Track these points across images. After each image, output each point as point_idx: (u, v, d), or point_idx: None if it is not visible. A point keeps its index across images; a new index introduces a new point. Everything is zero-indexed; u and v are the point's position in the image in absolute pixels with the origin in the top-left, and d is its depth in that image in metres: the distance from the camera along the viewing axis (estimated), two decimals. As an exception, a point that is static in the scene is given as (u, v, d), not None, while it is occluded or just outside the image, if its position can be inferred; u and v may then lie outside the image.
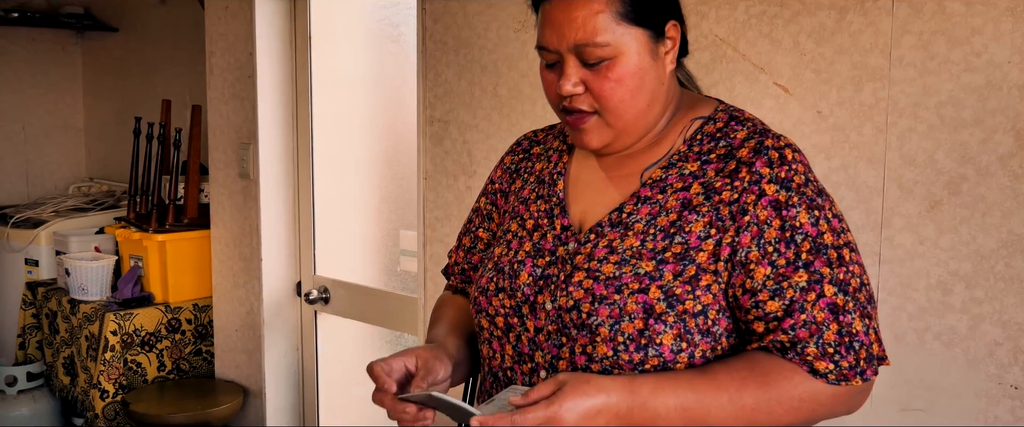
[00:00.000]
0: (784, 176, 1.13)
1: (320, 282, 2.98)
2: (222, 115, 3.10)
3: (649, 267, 1.14)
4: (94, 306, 3.16)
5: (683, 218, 1.16)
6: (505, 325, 1.25)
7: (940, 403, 1.59)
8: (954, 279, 1.56)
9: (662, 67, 1.19)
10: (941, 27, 1.53)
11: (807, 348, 1.10)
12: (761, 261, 1.11)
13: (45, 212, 3.86)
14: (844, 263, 1.12)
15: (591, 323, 1.14)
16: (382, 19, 2.77)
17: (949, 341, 1.57)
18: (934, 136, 1.56)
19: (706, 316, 1.14)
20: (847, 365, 1.10)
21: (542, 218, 1.27)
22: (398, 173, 2.77)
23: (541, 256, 1.24)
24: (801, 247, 1.11)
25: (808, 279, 1.10)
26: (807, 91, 1.70)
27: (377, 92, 2.85)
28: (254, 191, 2.98)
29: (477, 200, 1.45)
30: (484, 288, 1.28)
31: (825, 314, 1.10)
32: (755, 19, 1.75)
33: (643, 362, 1.13)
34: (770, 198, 1.12)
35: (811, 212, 1.12)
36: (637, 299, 1.13)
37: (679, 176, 1.19)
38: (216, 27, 3.07)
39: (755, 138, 1.18)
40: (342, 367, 3.08)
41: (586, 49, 1.15)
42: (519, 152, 1.42)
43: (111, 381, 3.03)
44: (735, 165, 1.16)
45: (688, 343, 1.13)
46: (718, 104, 1.26)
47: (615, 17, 1.14)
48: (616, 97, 1.16)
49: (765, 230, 1.12)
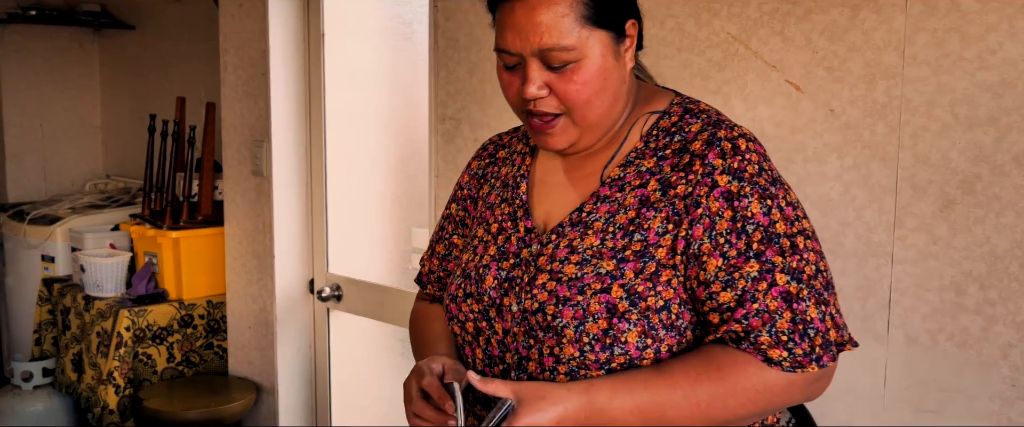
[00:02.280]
0: (736, 166, 1.14)
1: (333, 279, 2.98)
2: (236, 112, 3.11)
3: (610, 266, 1.15)
4: (108, 302, 3.18)
5: (641, 215, 1.17)
6: (475, 329, 1.26)
7: (953, 404, 1.57)
8: (968, 280, 1.54)
9: (623, 65, 1.20)
10: (955, 24, 1.52)
11: (760, 337, 1.10)
12: (713, 253, 1.12)
13: (61, 209, 3.89)
14: (798, 251, 1.12)
15: (556, 325, 1.15)
16: (394, 17, 2.77)
17: (962, 342, 1.55)
18: (948, 135, 1.54)
19: (669, 311, 1.14)
20: (801, 352, 1.10)
21: (506, 221, 1.29)
22: (410, 171, 2.77)
23: (506, 259, 1.25)
24: (752, 237, 1.12)
25: (759, 269, 1.11)
26: (819, 89, 1.68)
27: (389, 90, 2.85)
28: (267, 188, 2.99)
29: (447, 207, 1.46)
30: (454, 295, 1.29)
31: (778, 303, 1.10)
32: (767, 16, 1.73)
33: (610, 361, 1.14)
34: (722, 189, 1.13)
35: (763, 201, 1.13)
36: (600, 299, 1.13)
37: (636, 173, 1.20)
38: (230, 25, 3.08)
39: (708, 130, 1.18)
40: (354, 365, 3.08)
41: (551, 53, 1.14)
42: (485, 157, 1.43)
43: (123, 376, 3.04)
44: (689, 159, 1.17)
45: (653, 339, 1.14)
46: (673, 97, 1.27)
47: (579, 20, 1.14)
48: (582, 99, 1.17)
49: (717, 222, 1.13)
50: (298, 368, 3.10)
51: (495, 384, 1.10)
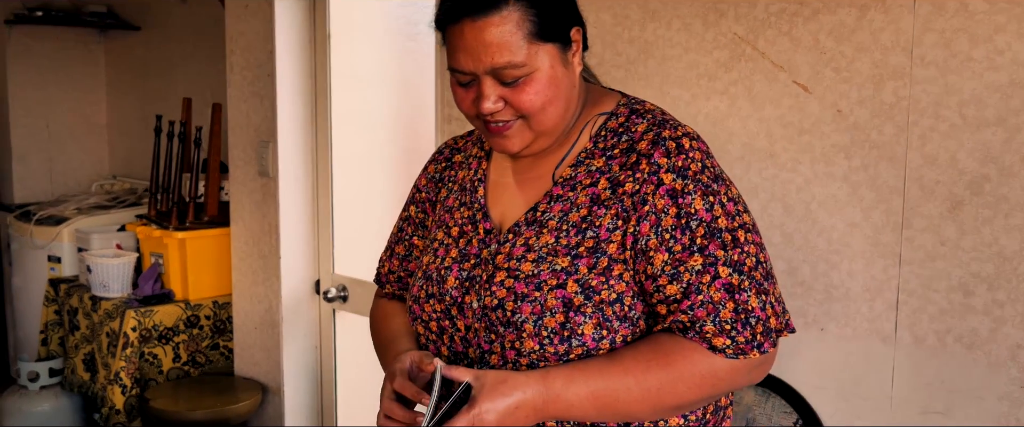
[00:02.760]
0: (681, 165, 1.20)
1: (338, 280, 2.99)
2: (242, 113, 3.12)
3: (565, 263, 1.21)
4: (115, 303, 3.19)
5: (593, 213, 1.22)
6: (438, 328, 1.31)
7: (961, 406, 1.57)
8: (976, 281, 1.54)
9: (573, 71, 1.26)
10: (963, 25, 1.51)
11: (705, 326, 1.17)
12: (659, 248, 1.18)
13: (68, 209, 3.90)
14: (739, 244, 1.19)
15: (516, 320, 1.20)
16: (400, 17, 2.77)
17: (971, 343, 1.55)
18: (956, 135, 1.54)
19: (622, 303, 1.20)
20: (744, 340, 1.17)
21: (466, 224, 1.33)
22: (416, 171, 2.77)
23: (467, 260, 1.30)
24: (696, 232, 1.18)
25: (703, 262, 1.17)
26: (827, 90, 1.68)
27: (395, 90, 2.85)
28: (273, 189, 3.00)
29: (405, 208, 1.51)
30: (416, 296, 1.34)
31: (721, 294, 1.17)
32: (774, 17, 1.73)
33: (568, 353, 1.19)
34: (667, 187, 1.19)
35: (706, 198, 1.19)
36: (556, 294, 1.19)
37: (587, 173, 1.25)
38: (236, 25, 3.08)
39: (653, 130, 1.24)
40: (360, 365, 3.08)
41: (503, 71, 1.19)
42: (441, 161, 1.48)
43: (129, 376, 3.05)
44: (636, 158, 1.22)
45: (608, 330, 1.19)
46: (620, 98, 1.32)
47: (526, 37, 1.19)
48: (536, 107, 1.22)
49: (663, 218, 1.18)
50: (304, 369, 3.10)
51: (458, 370, 1.16)
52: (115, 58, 4.65)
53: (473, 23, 1.18)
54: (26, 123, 4.53)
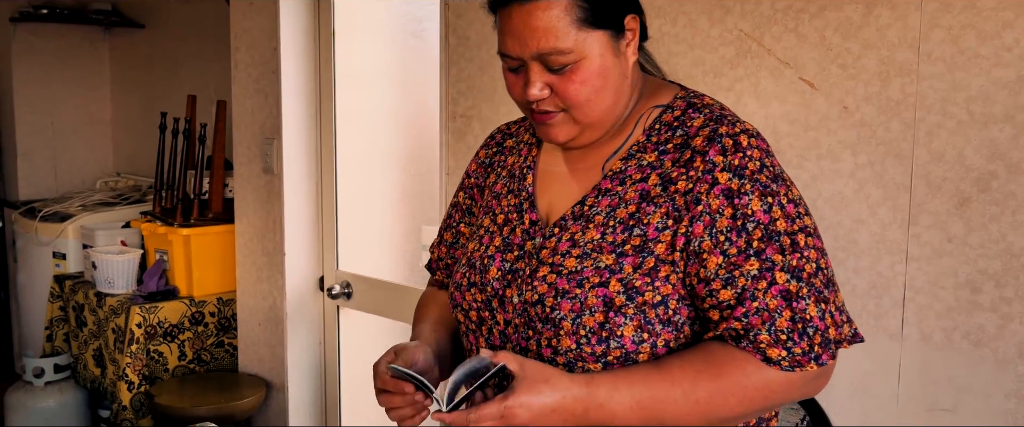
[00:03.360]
0: (737, 163, 1.14)
1: (343, 277, 2.99)
2: (246, 110, 3.12)
3: (609, 260, 1.16)
4: (120, 299, 3.19)
5: (641, 210, 1.17)
6: (477, 319, 1.28)
7: (968, 403, 1.57)
8: (983, 277, 1.53)
9: (625, 61, 1.21)
10: (971, 21, 1.51)
11: (759, 335, 1.10)
12: (713, 250, 1.12)
13: (73, 206, 3.91)
14: (798, 249, 1.12)
15: (554, 317, 1.16)
16: (405, 15, 2.77)
17: (978, 340, 1.55)
18: (963, 132, 1.53)
19: (666, 306, 1.15)
20: (800, 351, 1.10)
21: (512, 213, 1.30)
22: (421, 168, 2.77)
23: (510, 250, 1.26)
24: (752, 235, 1.12)
25: (759, 267, 1.11)
26: (833, 86, 1.67)
27: (400, 88, 2.85)
28: (278, 186, 3.00)
29: (455, 195, 1.48)
30: (458, 283, 1.31)
31: (777, 301, 1.10)
32: (780, 13, 1.73)
33: (605, 354, 1.15)
34: (722, 187, 1.13)
35: (764, 199, 1.13)
36: (597, 293, 1.14)
37: (638, 167, 1.21)
38: (241, 23, 3.08)
39: (710, 126, 1.18)
40: (364, 362, 3.07)
41: (549, 57, 1.16)
42: (492, 146, 1.44)
43: (136, 373, 3.05)
44: (690, 154, 1.17)
45: (649, 333, 1.14)
46: (678, 90, 1.27)
47: (575, 23, 1.15)
48: (582, 97, 1.18)
49: (717, 219, 1.13)
50: (308, 365, 3.11)
51: (504, 354, 1.11)
52: (120, 55, 4.66)
53: (521, 6, 1.15)
54: (31, 120, 4.54)
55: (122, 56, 4.64)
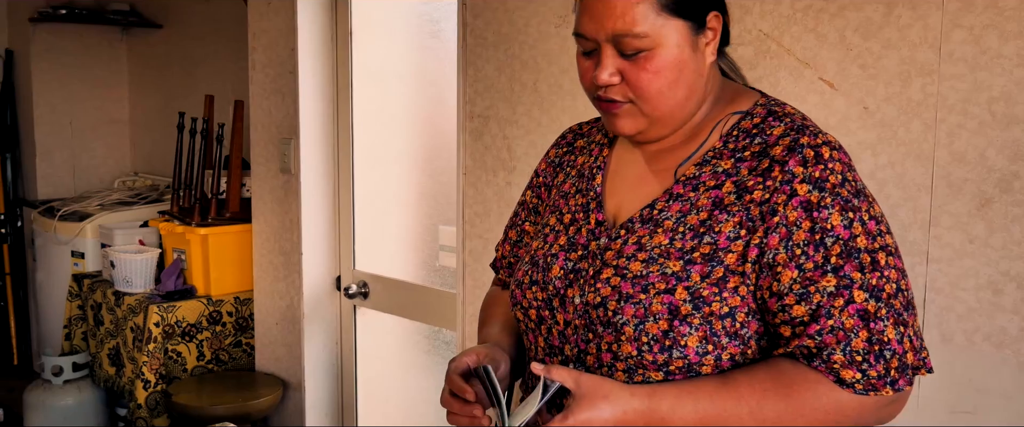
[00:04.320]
0: (818, 176, 1.09)
1: (359, 277, 3.00)
2: (264, 110, 3.13)
3: (677, 267, 1.12)
4: (138, 298, 3.21)
5: (713, 217, 1.13)
6: (537, 317, 1.25)
7: (989, 405, 1.56)
8: (1005, 279, 1.52)
9: (702, 59, 1.17)
10: (993, 21, 1.50)
11: (833, 355, 1.06)
12: (788, 264, 1.08)
13: (91, 205, 3.93)
14: (878, 268, 1.08)
15: (616, 321, 1.13)
16: (422, 15, 2.77)
17: (999, 342, 1.54)
18: (985, 133, 1.52)
19: (734, 319, 1.11)
20: (876, 374, 1.06)
21: (578, 212, 1.27)
22: (438, 168, 2.78)
23: (574, 250, 1.23)
24: (831, 250, 1.07)
25: (837, 284, 1.07)
26: (853, 86, 1.67)
27: (417, 88, 2.86)
28: (295, 186, 3.01)
29: (523, 193, 1.45)
30: (520, 281, 1.28)
31: (854, 320, 1.06)
32: (800, 13, 1.72)
33: (667, 363, 1.11)
34: (801, 199, 1.09)
35: (845, 214, 1.08)
36: (663, 299, 1.11)
37: (712, 174, 1.17)
38: (258, 23, 3.10)
39: (791, 135, 1.14)
40: (381, 361, 3.09)
41: (624, 40, 1.12)
42: (563, 145, 1.41)
43: (153, 372, 3.07)
44: (768, 164, 1.13)
45: (714, 345, 1.11)
46: (759, 98, 1.23)
47: (655, 8, 1.11)
48: (653, 88, 1.14)
49: (794, 232, 1.08)
50: (325, 364, 3.12)
51: (558, 370, 1.08)
52: (138, 55, 4.69)
53: None
54: (50, 120, 4.57)
55: (140, 56, 4.67)
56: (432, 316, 2.76)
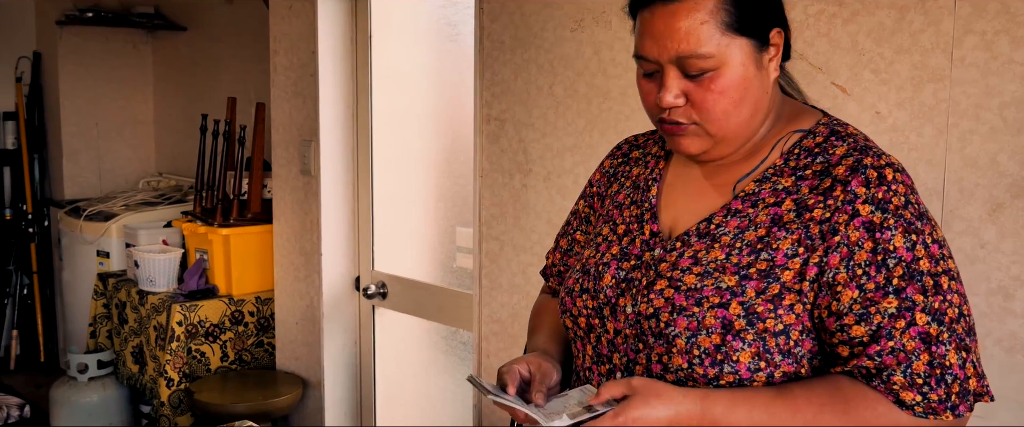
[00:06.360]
0: (881, 197, 1.08)
1: (378, 277, 3.03)
2: (285, 112, 3.17)
3: (732, 282, 1.11)
4: (161, 297, 3.26)
5: (772, 234, 1.12)
6: (587, 326, 1.25)
7: (1000, 411, 1.56)
8: (1016, 284, 1.52)
9: (766, 76, 1.15)
10: (1005, 26, 1.50)
11: (894, 376, 1.05)
12: (849, 283, 1.07)
13: (116, 205, 3.99)
14: (941, 291, 1.06)
15: (668, 333, 1.12)
16: (440, 18, 2.80)
17: (1010, 347, 1.54)
18: (997, 138, 1.52)
19: (788, 336, 1.10)
20: (937, 398, 1.04)
21: (633, 223, 1.26)
22: (455, 170, 2.80)
23: (627, 259, 1.22)
24: (893, 272, 1.06)
25: (899, 305, 1.05)
26: (865, 91, 1.67)
27: (435, 90, 2.88)
28: (315, 187, 3.04)
29: (576, 202, 1.45)
30: (570, 288, 1.28)
31: (916, 343, 1.05)
32: (813, 18, 1.73)
33: (718, 378, 1.10)
34: (863, 219, 1.08)
35: (908, 236, 1.07)
36: (716, 313, 1.10)
37: (772, 191, 1.15)
38: (280, 26, 3.13)
39: (854, 155, 1.12)
40: (399, 361, 3.12)
41: (688, 61, 1.11)
42: (618, 156, 1.41)
43: (176, 370, 3.12)
44: (830, 183, 1.11)
45: (767, 362, 1.10)
46: (821, 116, 1.22)
47: (720, 27, 1.10)
48: (719, 109, 1.13)
49: (856, 252, 1.07)
50: (344, 364, 3.15)
51: (610, 387, 1.08)
52: (162, 58, 4.75)
53: (664, 7, 1.10)
54: (76, 121, 4.64)
55: (164, 58, 4.73)
56: (449, 317, 2.78)
